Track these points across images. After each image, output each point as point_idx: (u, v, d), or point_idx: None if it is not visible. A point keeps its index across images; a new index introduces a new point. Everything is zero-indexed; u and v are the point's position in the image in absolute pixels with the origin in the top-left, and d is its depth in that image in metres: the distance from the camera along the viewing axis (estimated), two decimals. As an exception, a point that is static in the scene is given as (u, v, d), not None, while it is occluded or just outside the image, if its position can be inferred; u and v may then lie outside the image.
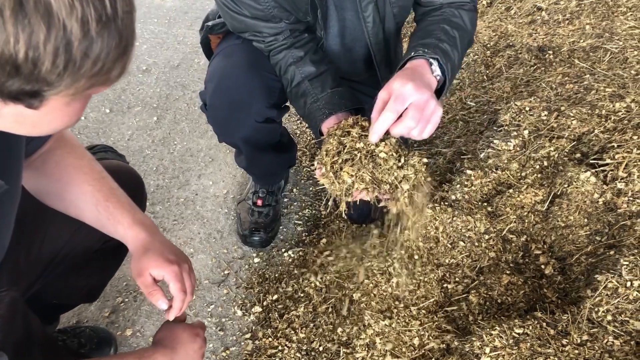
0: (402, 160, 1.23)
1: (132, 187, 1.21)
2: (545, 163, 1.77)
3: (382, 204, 1.31)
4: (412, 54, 1.28)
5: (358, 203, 1.30)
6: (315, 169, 1.29)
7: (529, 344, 1.31)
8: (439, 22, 1.43)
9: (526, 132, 1.87)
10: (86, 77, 0.67)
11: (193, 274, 1.18)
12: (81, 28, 0.63)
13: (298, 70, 1.51)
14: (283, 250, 2.01)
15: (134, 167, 2.30)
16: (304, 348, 1.57)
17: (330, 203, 1.31)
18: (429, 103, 1.13)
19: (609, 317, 1.32)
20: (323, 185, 1.27)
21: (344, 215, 1.87)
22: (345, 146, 1.23)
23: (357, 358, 1.48)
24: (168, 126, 2.60)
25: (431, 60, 1.26)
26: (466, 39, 1.44)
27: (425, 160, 1.26)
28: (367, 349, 1.48)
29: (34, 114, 0.71)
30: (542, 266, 1.57)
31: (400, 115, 1.13)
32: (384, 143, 1.22)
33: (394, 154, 1.22)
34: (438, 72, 1.27)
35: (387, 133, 1.18)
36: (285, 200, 2.23)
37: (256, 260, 1.98)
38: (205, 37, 1.77)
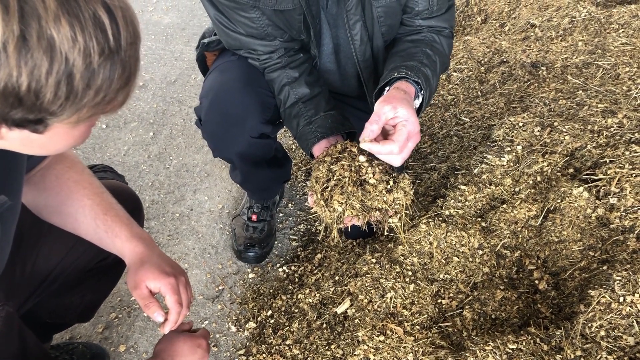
0: (392, 183, 1.26)
1: (130, 207, 1.22)
2: (539, 178, 1.78)
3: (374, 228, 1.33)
4: (396, 75, 1.33)
5: (349, 229, 1.33)
6: (308, 196, 1.31)
7: (522, 359, 1.30)
8: (421, 45, 1.49)
9: (519, 147, 1.88)
10: (88, 107, 0.69)
11: (189, 287, 1.19)
12: (83, 60, 0.64)
13: (292, 91, 1.53)
14: (278, 265, 2.00)
15: (130, 183, 2.31)
16: (298, 364, 1.57)
17: (322, 229, 1.32)
18: (419, 137, 1.22)
19: (602, 333, 1.31)
20: (316, 212, 1.28)
21: (335, 242, 1.89)
22: (335, 174, 1.25)
23: (351, 374, 1.47)
24: (164, 141, 2.61)
25: (414, 85, 1.34)
26: (444, 65, 1.53)
27: (410, 183, 1.30)
28: (361, 365, 1.48)
29: (40, 138, 0.72)
30: (536, 281, 1.57)
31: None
32: (373, 169, 1.25)
33: (384, 178, 1.25)
34: (420, 98, 1.36)
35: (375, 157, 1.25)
36: (280, 215, 2.23)
37: (251, 275, 1.98)
38: (201, 54, 1.79)
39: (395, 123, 1.20)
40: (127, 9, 0.70)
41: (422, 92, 1.35)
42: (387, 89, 1.36)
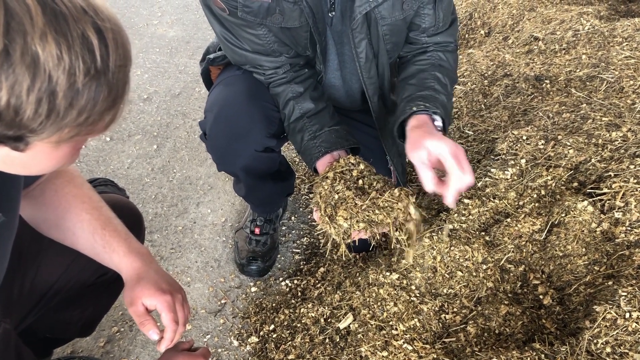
0: (398, 194, 1.26)
1: (130, 221, 1.21)
2: (543, 192, 1.77)
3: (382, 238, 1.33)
4: (415, 109, 1.36)
5: (357, 243, 1.32)
6: (313, 212, 1.31)
7: (527, 376, 1.29)
8: (431, 69, 1.51)
9: (523, 161, 1.87)
10: (70, 126, 0.68)
11: (187, 304, 1.17)
12: (67, 80, 0.63)
13: (297, 105, 1.53)
14: (280, 279, 1.99)
15: (133, 195, 2.31)
16: (300, 380, 1.55)
17: (329, 245, 1.31)
18: (455, 145, 1.22)
19: (608, 349, 1.30)
20: (322, 229, 1.27)
21: (344, 257, 1.88)
22: (338, 190, 1.24)
23: (354, 390, 1.46)
24: (168, 154, 2.61)
25: (434, 116, 1.36)
26: (454, 82, 1.55)
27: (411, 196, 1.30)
28: (364, 381, 1.46)
29: (22, 156, 0.71)
30: (541, 296, 1.55)
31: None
32: (374, 180, 1.25)
33: (387, 189, 1.25)
34: (440, 124, 1.37)
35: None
36: (284, 228, 2.23)
37: (253, 289, 1.96)
38: (206, 69, 1.79)
39: (435, 156, 1.22)
40: (119, 31, 0.69)
41: (444, 118, 1.38)
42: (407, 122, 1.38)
